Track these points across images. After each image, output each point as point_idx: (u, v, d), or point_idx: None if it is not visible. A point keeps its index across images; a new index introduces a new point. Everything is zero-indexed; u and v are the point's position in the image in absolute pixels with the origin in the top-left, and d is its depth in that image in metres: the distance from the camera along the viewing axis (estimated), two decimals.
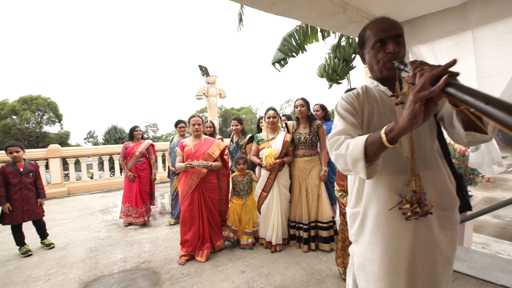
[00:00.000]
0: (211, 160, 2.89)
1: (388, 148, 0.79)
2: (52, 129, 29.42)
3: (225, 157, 3.81)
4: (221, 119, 35.02)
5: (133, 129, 4.26)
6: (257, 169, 3.15)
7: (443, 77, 0.65)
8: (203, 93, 10.48)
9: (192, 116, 3.00)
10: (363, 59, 1.14)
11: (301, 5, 2.04)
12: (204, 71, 10.48)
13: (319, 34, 2.55)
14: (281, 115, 3.71)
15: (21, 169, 3.21)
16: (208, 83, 10.50)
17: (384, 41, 1.00)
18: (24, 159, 3.33)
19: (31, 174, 3.29)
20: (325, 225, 2.82)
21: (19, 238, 3.19)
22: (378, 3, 2.32)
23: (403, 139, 1.00)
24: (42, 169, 6.64)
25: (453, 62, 0.69)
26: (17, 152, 3.20)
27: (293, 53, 2.46)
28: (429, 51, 2.39)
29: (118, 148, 7.30)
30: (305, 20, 2.17)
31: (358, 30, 2.44)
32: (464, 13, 2.12)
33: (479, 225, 3.53)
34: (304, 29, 2.46)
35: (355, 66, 2.72)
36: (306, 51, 2.70)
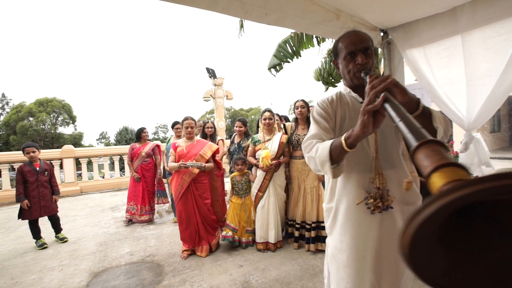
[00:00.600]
0: (203, 161, 2.96)
1: (349, 151, 0.91)
2: (67, 130, 30.41)
3: (225, 157, 3.93)
4: (229, 120, 35.29)
5: (140, 131, 4.45)
6: (253, 169, 3.23)
7: (382, 94, 0.76)
8: (210, 95, 10.68)
9: (186, 119, 3.07)
10: (337, 68, 1.25)
11: (294, 14, 2.15)
12: (211, 73, 10.69)
13: (315, 40, 2.65)
14: (281, 115, 3.81)
15: (37, 168, 3.44)
16: (215, 85, 10.70)
17: (354, 53, 1.10)
18: (39, 159, 3.56)
19: (46, 172, 3.52)
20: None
21: (36, 232, 3.42)
22: (371, 9, 2.40)
23: (370, 142, 1.11)
24: (56, 169, 6.97)
25: (388, 77, 0.80)
26: (33, 152, 3.44)
27: (288, 59, 2.57)
28: (421, 55, 2.46)
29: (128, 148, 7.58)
30: (298, 28, 2.28)
31: None
32: (454, 18, 2.19)
33: None
34: (299, 36, 2.56)
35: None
36: (301, 56, 2.81)
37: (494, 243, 0.36)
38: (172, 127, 4.33)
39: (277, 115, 3.52)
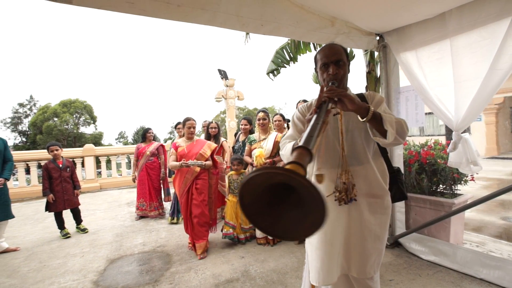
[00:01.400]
0: (203, 160, 3.05)
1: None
2: (88, 130, 31.81)
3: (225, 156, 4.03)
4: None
5: (146, 131, 4.68)
6: (249, 168, 3.32)
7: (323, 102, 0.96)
8: (222, 96, 10.94)
9: (188, 119, 3.15)
10: (317, 75, 1.42)
11: (288, 24, 2.31)
12: (223, 74, 10.95)
13: (312, 45, 2.80)
14: (285, 117, 3.96)
15: (60, 165, 3.79)
16: (227, 86, 10.96)
17: (327, 65, 1.27)
18: (62, 157, 3.90)
19: (68, 169, 3.87)
20: None
21: (60, 223, 3.78)
22: (366, 15, 2.51)
23: (340, 142, 1.27)
24: (78, 166, 7.49)
25: (332, 89, 1.00)
26: (56, 150, 3.78)
27: (285, 64, 2.73)
28: (414, 58, 2.55)
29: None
30: (293, 37, 2.43)
31: (347, 41, 2.70)
32: (443, 23, 2.28)
33: (482, 226, 3.54)
34: (296, 42, 2.71)
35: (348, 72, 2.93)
36: (297, 61, 2.94)
37: (291, 208, 0.61)
38: (175, 127, 4.53)
39: (281, 115, 3.65)
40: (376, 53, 2.94)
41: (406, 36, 2.59)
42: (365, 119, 1.08)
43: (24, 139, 29.56)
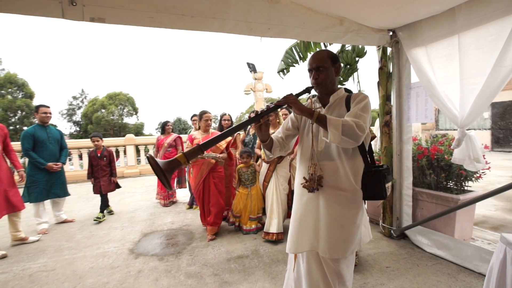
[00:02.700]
0: (219, 152, 3.17)
1: (264, 144, 1.50)
2: (130, 120, 34.40)
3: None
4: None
5: (164, 124, 5.04)
6: (260, 161, 3.40)
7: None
8: (251, 88, 11.23)
9: (204, 112, 3.24)
10: None
11: (295, 25, 2.47)
12: (252, 67, 11.19)
13: (322, 44, 2.91)
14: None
15: (99, 154, 4.15)
16: (255, 79, 11.20)
17: (311, 71, 1.48)
18: (103, 146, 4.23)
19: (105, 158, 4.19)
20: None
21: (104, 204, 4.23)
22: (377, 13, 2.52)
23: (311, 139, 1.46)
24: (121, 154, 8.42)
25: (286, 97, 1.32)
26: (97, 141, 4.15)
27: (294, 63, 2.88)
28: (423, 54, 2.55)
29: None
30: (299, 37, 2.56)
31: (357, 38, 2.81)
32: (452, 18, 2.27)
33: (502, 225, 3.40)
34: (305, 42, 2.85)
35: (358, 69, 2.99)
36: (307, 59, 3.04)
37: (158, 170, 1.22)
38: (191, 118, 4.73)
39: (287, 109, 3.70)
40: (389, 49, 2.96)
41: (417, 31, 2.60)
42: (311, 121, 1.29)
43: (77, 129, 33.06)
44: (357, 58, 2.99)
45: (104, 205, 4.27)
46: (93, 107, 30.87)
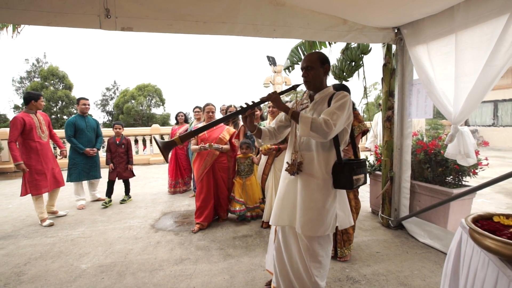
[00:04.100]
0: (222, 144, 3.25)
1: (253, 134, 1.75)
2: (158, 111, 35.92)
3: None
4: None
5: (176, 115, 5.39)
6: (260, 155, 3.40)
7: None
8: (270, 81, 11.42)
9: (207, 105, 3.32)
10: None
11: (299, 26, 2.65)
12: (272, 61, 11.34)
13: (327, 42, 3.05)
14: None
15: (117, 142, 4.40)
16: (275, 72, 11.35)
17: (302, 70, 1.71)
18: (122, 135, 4.45)
19: (123, 146, 4.40)
20: None
21: (109, 191, 4.47)
22: (381, 13, 2.62)
23: (294, 132, 1.71)
24: (147, 143, 9.09)
25: (269, 95, 1.51)
26: (119, 129, 4.42)
27: (299, 62, 3.05)
28: (424, 51, 2.63)
29: None
30: (303, 37, 2.74)
31: (360, 36, 2.95)
32: (451, 17, 2.34)
33: None
34: (310, 41, 3.01)
35: (362, 65, 3.10)
36: None
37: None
38: (193, 110, 4.84)
39: (289, 102, 3.86)
40: (393, 46, 3.04)
41: (419, 29, 2.67)
42: (288, 116, 1.55)
43: (110, 118, 35.30)
44: (361, 55, 3.10)
45: (128, 189, 4.64)
46: (124, 98, 32.63)
